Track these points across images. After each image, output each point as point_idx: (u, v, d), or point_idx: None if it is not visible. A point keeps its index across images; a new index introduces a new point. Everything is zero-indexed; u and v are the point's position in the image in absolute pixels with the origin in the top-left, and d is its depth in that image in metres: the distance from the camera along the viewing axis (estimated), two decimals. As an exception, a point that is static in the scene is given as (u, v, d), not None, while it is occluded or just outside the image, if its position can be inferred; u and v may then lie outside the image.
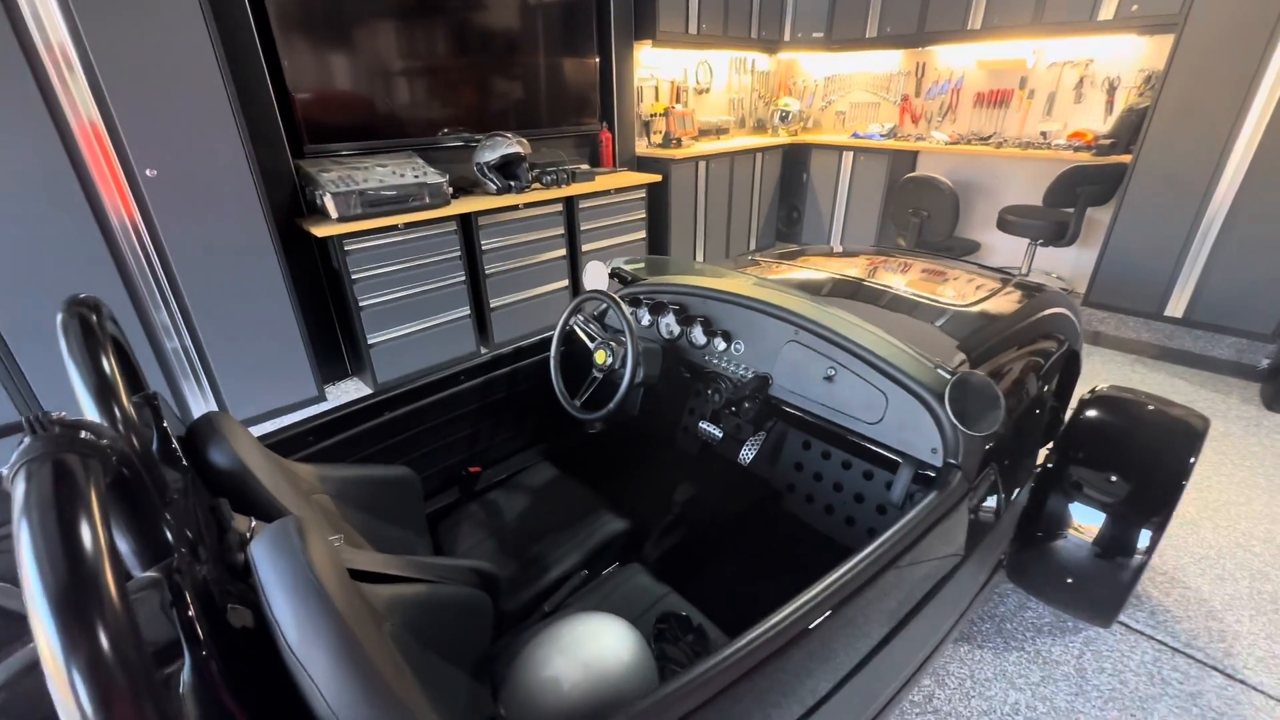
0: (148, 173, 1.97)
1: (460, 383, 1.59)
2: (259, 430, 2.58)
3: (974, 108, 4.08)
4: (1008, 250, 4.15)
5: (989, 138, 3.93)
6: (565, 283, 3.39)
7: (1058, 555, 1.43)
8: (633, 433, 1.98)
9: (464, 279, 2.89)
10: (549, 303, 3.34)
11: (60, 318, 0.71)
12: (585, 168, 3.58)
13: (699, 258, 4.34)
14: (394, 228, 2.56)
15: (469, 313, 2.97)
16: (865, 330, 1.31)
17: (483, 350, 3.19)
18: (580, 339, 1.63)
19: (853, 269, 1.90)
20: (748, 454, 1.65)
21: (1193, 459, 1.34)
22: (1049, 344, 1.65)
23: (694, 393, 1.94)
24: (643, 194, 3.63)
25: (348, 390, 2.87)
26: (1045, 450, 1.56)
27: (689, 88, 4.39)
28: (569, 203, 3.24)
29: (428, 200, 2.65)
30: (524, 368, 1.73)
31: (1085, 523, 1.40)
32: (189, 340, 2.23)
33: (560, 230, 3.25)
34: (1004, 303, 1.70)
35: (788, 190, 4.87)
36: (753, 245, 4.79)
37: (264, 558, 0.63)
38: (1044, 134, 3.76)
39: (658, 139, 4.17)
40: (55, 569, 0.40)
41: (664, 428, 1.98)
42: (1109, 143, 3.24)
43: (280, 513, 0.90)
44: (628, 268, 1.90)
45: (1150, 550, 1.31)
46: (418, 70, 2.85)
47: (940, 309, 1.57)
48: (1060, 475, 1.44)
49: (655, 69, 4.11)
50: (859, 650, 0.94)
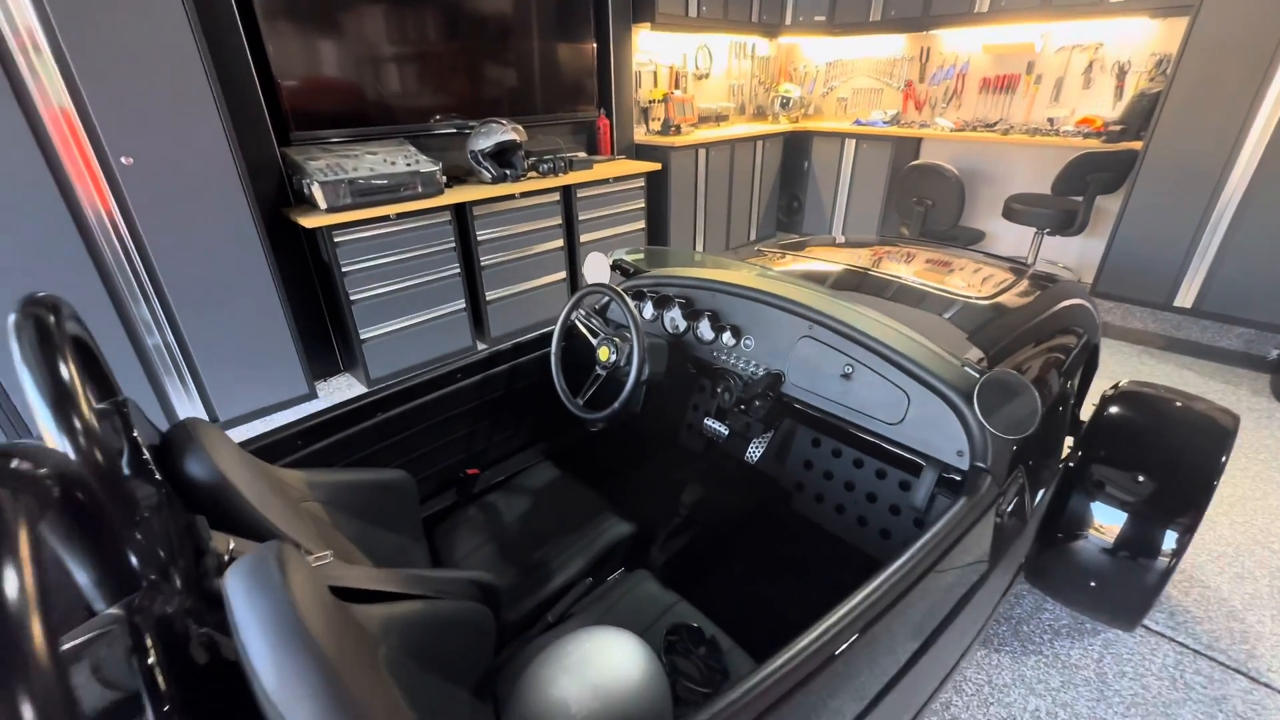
0: (123, 161, 1.87)
1: (457, 381, 1.53)
2: (245, 431, 2.50)
3: (979, 93, 3.99)
4: (1013, 239, 4.08)
5: (995, 124, 3.84)
6: (563, 274, 3.31)
7: (1079, 557, 1.38)
8: (636, 430, 1.93)
9: (459, 271, 2.81)
10: (547, 295, 3.26)
11: (13, 320, 0.63)
12: (582, 156, 3.48)
13: (699, 249, 4.26)
14: (385, 218, 2.47)
15: (464, 306, 2.90)
16: (885, 325, 1.25)
17: (479, 345, 3.11)
18: (582, 334, 1.56)
19: (862, 260, 1.83)
20: (755, 452, 1.59)
21: (1224, 458, 1.29)
22: (1069, 338, 1.59)
23: (698, 388, 1.88)
24: (641, 183, 3.54)
25: (339, 386, 2.79)
26: (1065, 448, 1.51)
27: (688, 73, 4.28)
28: (566, 192, 3.15)
29: (420, 189, 2.56)
30: (523, 364, 1.67)
31: (1109, 523, 1.35)
32: (171, 336, 2.14)
33: (558, 220, 3.16)
34: (1020, 295, 1.64)
35: (788, 179, 4.78)
36: (753, 236, 4.71)
37: (239, 593, 0.56)
38: (1051, 120, 3.68)
39: (656, 126, 4.07)
40: None
41: (668, 424, 1.93)
42: (1119, 129, 3.17)
43: (264, 527, 0.83)
44: (629, 259, 1.83)
45: (1179, 553, 1.26)
46: (409, 54, 2.74)
47: (956, 302, 1.51)
48: (1082, 474, 1.39)
49: (654, 53, 4.00)
50: (885, 671, 0.89)
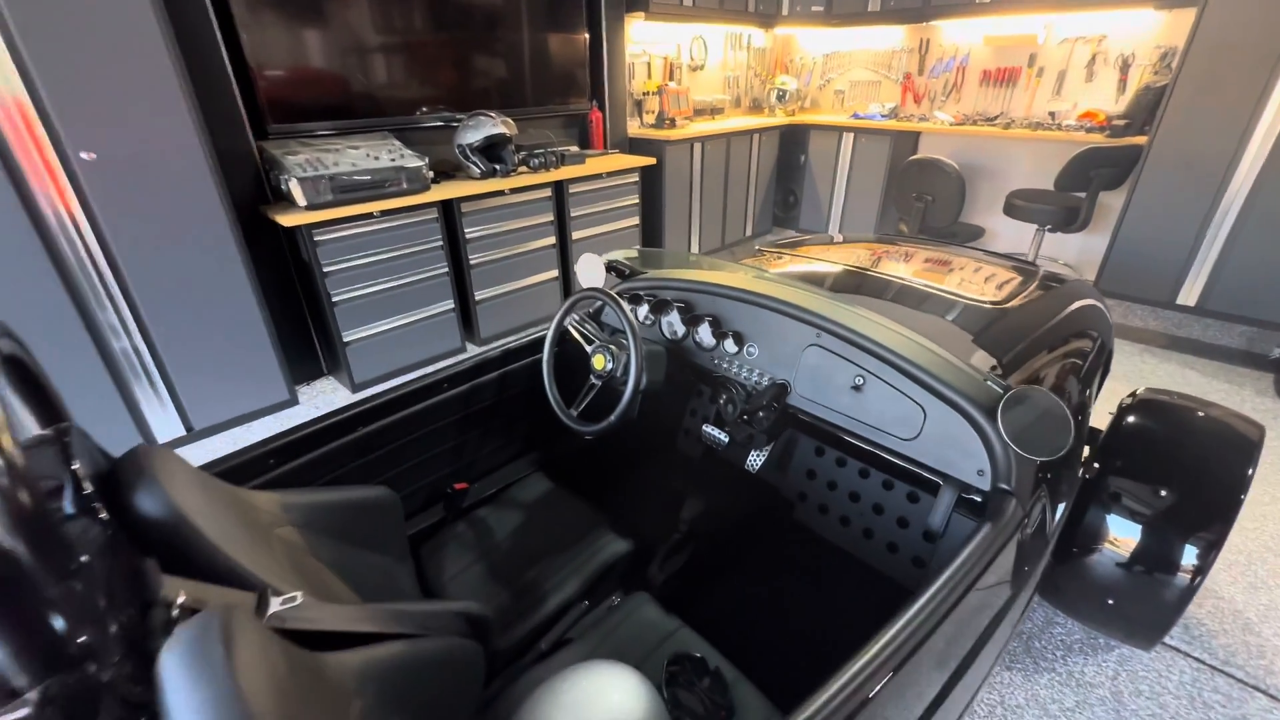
0: (83, 156, 1.75)
1: (443, 391, 1.44)
2: (223, 439, 2.38)
3: (980, 86, 3.92)
4: (1012, 236, 4.03)
5: (995, 118, 3.78)
6: (555, 273, 3.21)
7: (1096, 573, 1.31)
8: (631, 436, 1.85)
9: (447, 270, 2.71)
10: (539, 294, 3.17)
11: None
12: (575, 150, 3.37)
13: (694, 245, 4.17)
14: (369, 215, 2.37)
15: (453, 306, 2.80)
16: (899, 334, 1.17)
17: (469, 345, 3.01)
18: (574, 338, 1.48)
19: (866, 261, 1.76)
20: (756, 460, 1.52)
21: (1250, 470, 1.23)
22: (1084, 342, 1.53)
23: (696, 392, 1.80)
24: (636, 178, 3.44)
25: (323, 390, 2.69)
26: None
27: (683, 64, 4.17)
28: (558, 187, 3.05)
29: (405, 185, 2.45)
30: (513, 371, 1.59)
31: (1128, 538, 1.29)
32: (140, 341, 2.02)
33: (549, 217, 3.06)
34: (1031, 297, 1.57)
35: (785, 173, 4.70)
36: (749, 232, 4.62)
37: (176, 676, 0.47)
38: (1052, 114, 3.61)
39: (650, 119, 3.96)
40: None
41: (664, 430, 1.85)
42: (1124, 123, 3.11)
43: (226, 567, 0.74)
44: (625, 260, 1.75)
45: (1203, 571, 1.20)
46: (393, 43, 2.62)
47: (967, 306, 1.45)
48: (1099, 487, 1.33)
49: (647, 44, 3.89)
50: (912, 709, 0.82)
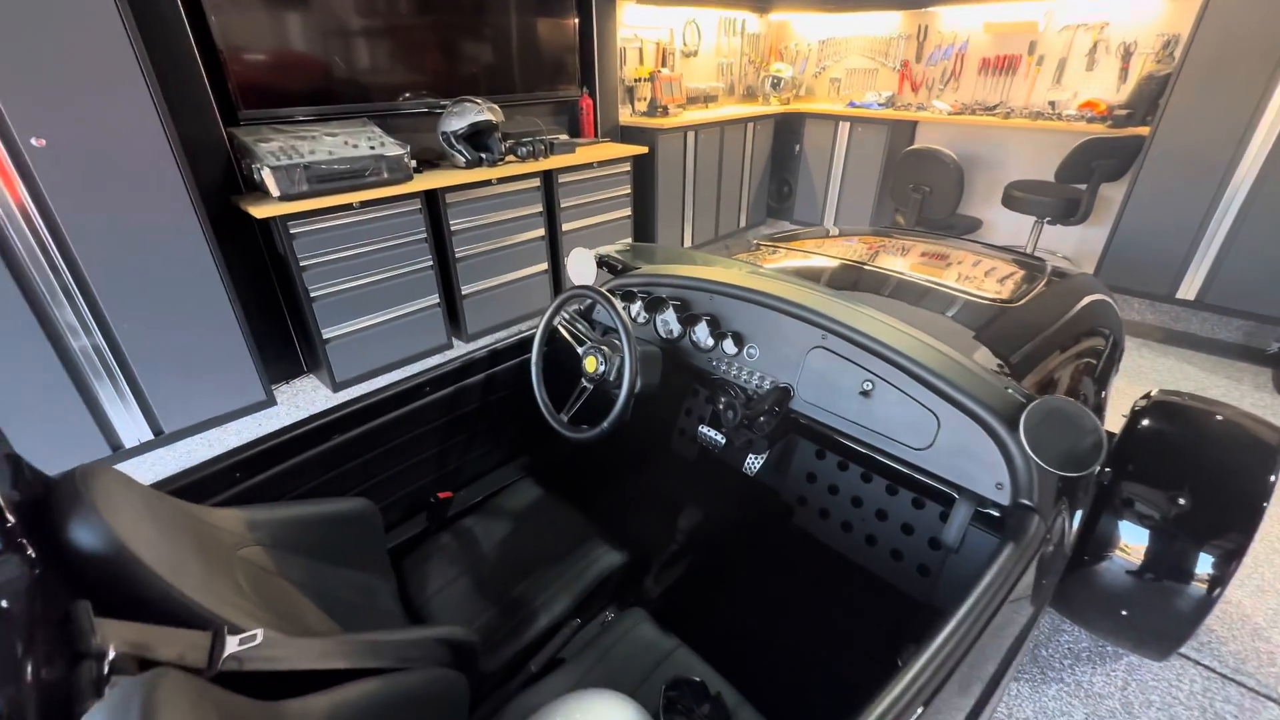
0: (34, 143, 1.62)
1: (425, 395, 1.36)
2: (191, 445, 2.26)
3: (979, 75, 3.84)
4: (1010, 228, 3.97)
5: (994, 107, 3.70)
6: (544, 266, 3.11)
7: (1109, 582, 1.26)
8: (624, 438, 1.78)
9: (431, 263, 2.60)
10: (527, 288, 3.07)
11: None
12: (564, 138, 3.26)
13: (688, 237, 4.08)
14: (348, 207, 2.25)
15: (438, 301, 2.69)
16: (911, 337, 1.10)
17: (455, 341, 2.92)
18: (564, 338, 1.39)
19: (868, 256, 1.69)
20: (754, 463, 1.45)
21: (1273, 477, 1.17)
22: (1096, 340, 1.47)
23: (691, 392, 1.73)
24: (627, 167, 3.34)
25: (303, 389, 2.58)
26: None
27: (676, 50, 4.05)
28: (547, 177, 2.94)
29: (386, 175, 2.34)
30: (500, 373, 1.50)
31: (1142, 547, 1.23)
32: (101, 339, 1.91)
33: (538, 208, 2.96)
34: (1041, 294, 1.51)
35: (779, 163, 4.60)
36: (743, 223, 4.54)
37: None
38: (1052, 104, 3.55)
39: (642, 106, 3.85)
40: None
41: (659, 431, 1.78)
42: (1125, 113, 3.05)
43: (177, 604, 0.66)
44: (618, 254, 1.66)
45: (1222, 581, 1.15)
46: (374, 25, 2.49)
47: (976, 304, 1.38)
48: (1112, 492, 1.27)
49: (639, 28, 3.77)
50: None
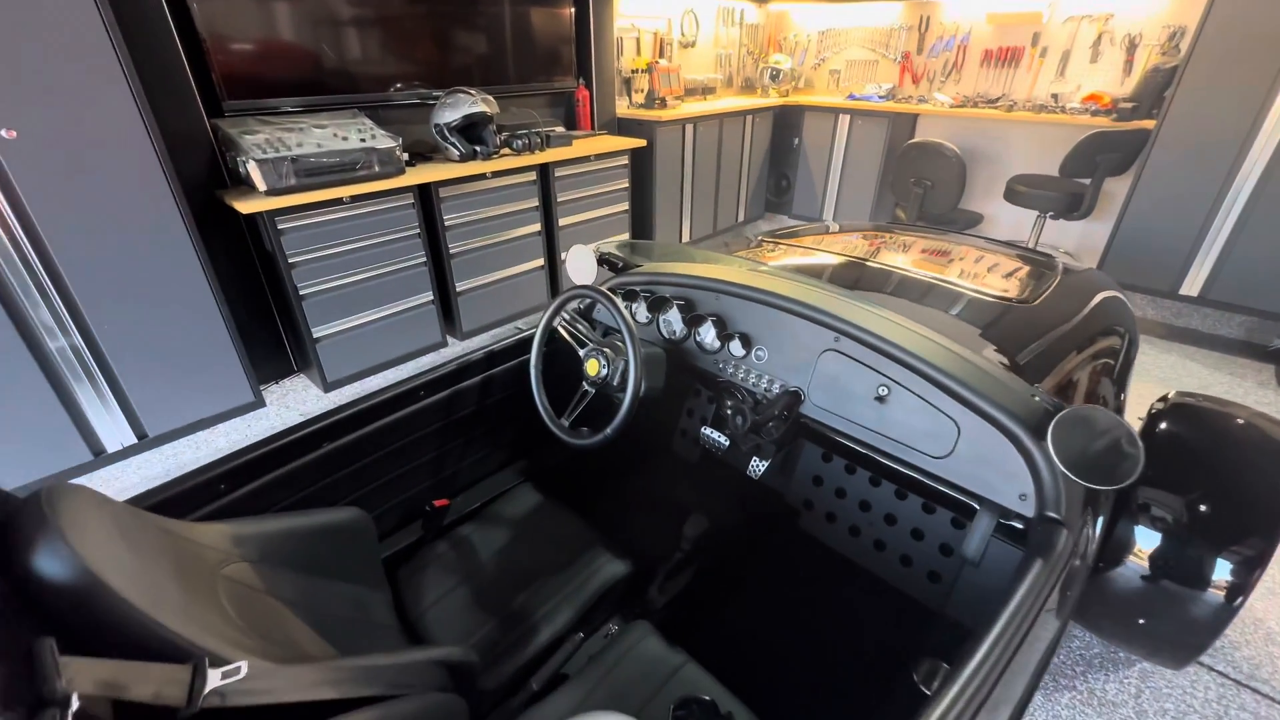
0: (3, 134, 1.55)
1: (419, 399, 1.30)
2: (178, 448, 2.19)
3: (981, 67, 3.79)
4: (1011, 223, 3.94)
5: (997, 100, 3.65)
6: (541, 261, 3.04)
7: (1126, 590, 1.22)
8: (625, 441, 1.73)
9: (425, 259, 2.53)
10: (524, 284, 3.00)
11: None
12: (561, 130, 3.18)
13: (686, 231, 4.02)
14: (338, 201, 2.18)
15: (432, 298, 2.63)
16: (930, 341, 1.06)
17: (450, 339, 2.85)
18: (563, 339, 1.34)
19: (873, 253, 1.64)
20: (758, 466, 1.41)
21: (1297, 484, 1.14)
22: (1112, 339, 1.43)
23: (693, 392, 1.68)
24: (625, 160, 3.27)
25: (292, 389, 2.52)
26: None
27: (674, 40, 3.97)
28: (543, 170, 2.87)
29: (378, 168, 2.27)
30: (498, 374, 1.44)
31: (1160, 554, 1.20)
32: (80, 340, 1.83)
33: (534, 202, 2.89)
34: (1054, 292, 1.47)
35: (778, 157, 4.54)
36: (742, 217, 4.48)
37: None
38: (1055, 96, 3.50)
39: (640, 98, 3.77)
40: None
41: (659, 432, 1.73)
42: (1130, 106, 3.01)
43: (153, 635, 0.60)
44: (619, 252, 1.61)
45: (1244, 590, 1.12)
46: (364, 13, 2.41)
47: (988, 303, 1.34)
48: (1130, 498, 1.23)
49: (636, 18, 3.68)
50: None
